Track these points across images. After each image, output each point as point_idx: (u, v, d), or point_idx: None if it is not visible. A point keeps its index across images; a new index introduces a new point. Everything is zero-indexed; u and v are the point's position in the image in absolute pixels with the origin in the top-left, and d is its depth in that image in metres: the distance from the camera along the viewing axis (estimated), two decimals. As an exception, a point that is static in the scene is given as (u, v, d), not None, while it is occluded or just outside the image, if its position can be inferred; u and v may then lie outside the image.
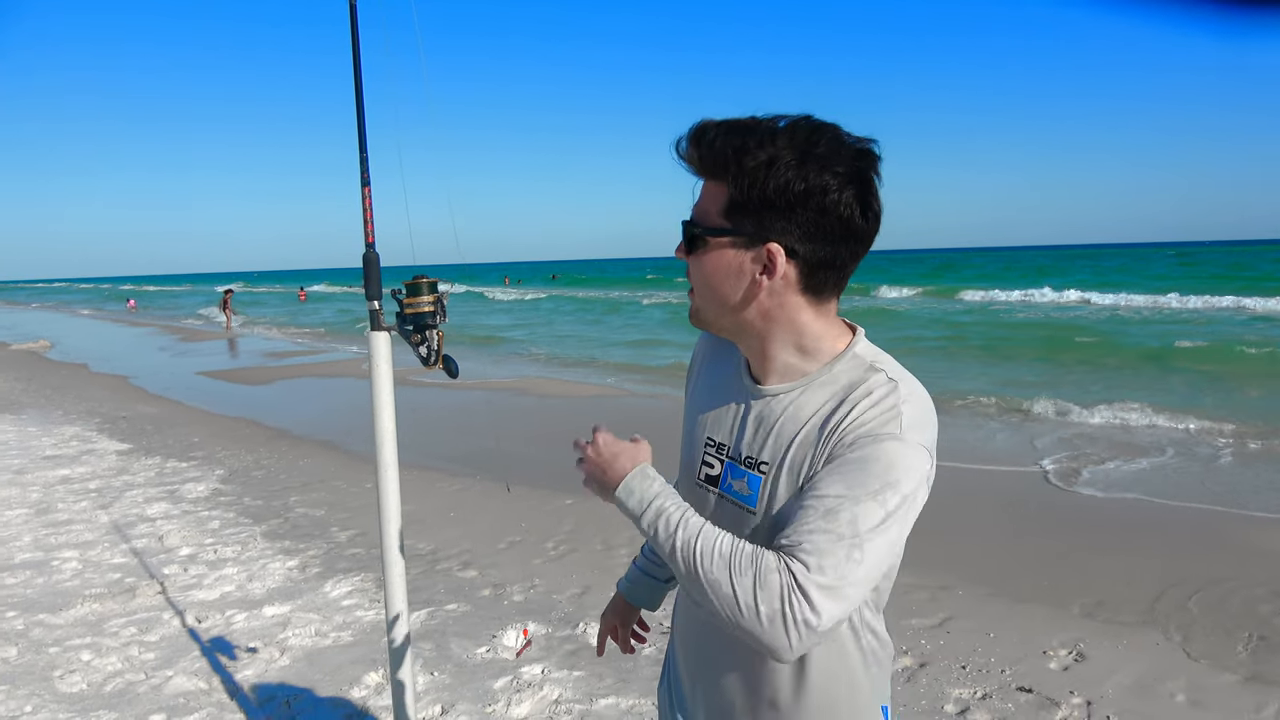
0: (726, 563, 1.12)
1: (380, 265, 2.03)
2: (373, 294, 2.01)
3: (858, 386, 1.22)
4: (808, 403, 1.25)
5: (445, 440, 8.72)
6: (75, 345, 23.19)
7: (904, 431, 1.17)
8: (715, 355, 1.44)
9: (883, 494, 1.13)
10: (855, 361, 1.27)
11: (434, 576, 4.99)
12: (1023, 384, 11.56)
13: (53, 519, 6.27)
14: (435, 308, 1.96)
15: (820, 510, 1.13)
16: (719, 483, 1.33)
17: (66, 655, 3.97)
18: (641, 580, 1.73)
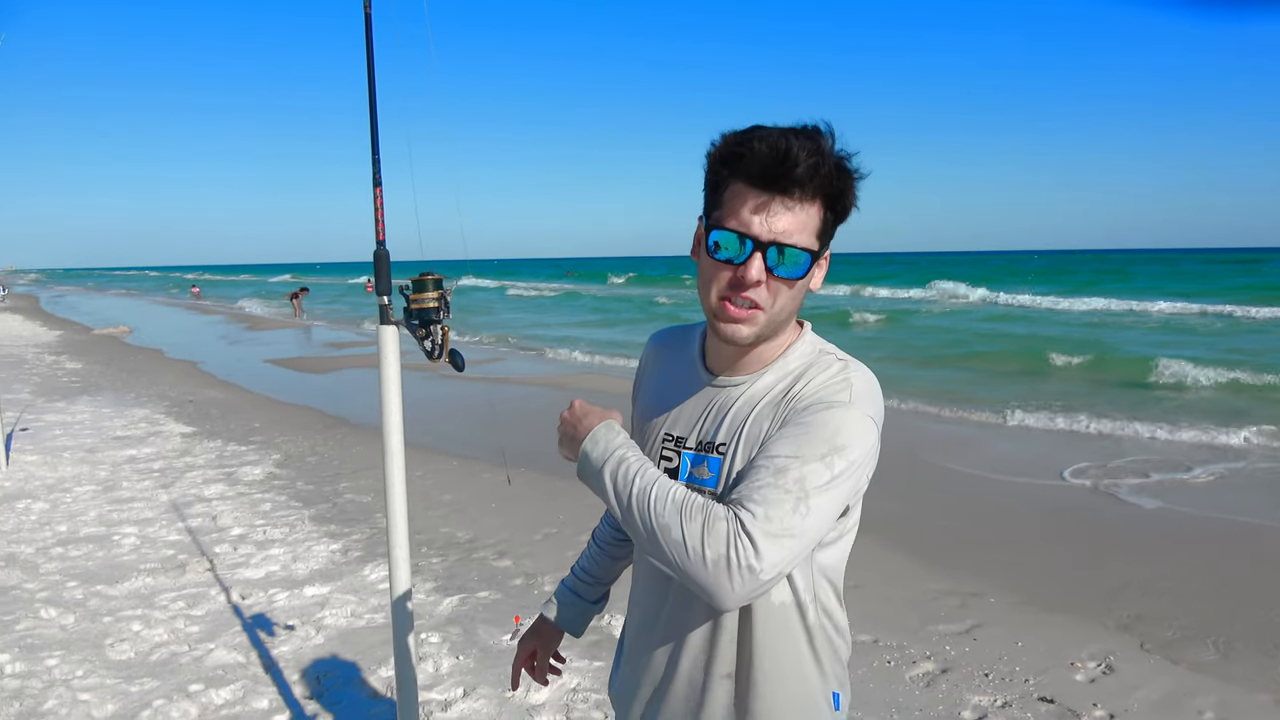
0: (678, 508, 1.17)
1: (390, 261, 2.12)
2: (382, 289, 2.10)
3: (812, 368, 1.31)
4: (762, 386, 1.33)
5: (493, 433, 8.88)
6: (153, 331, 24.14)
7: (853, 400, 1.25)
8: (663, 356, 1.50)
9: (830, 457, 1.20)
10: (807, 348, 1.36)
11: (469, 564, 5.12)
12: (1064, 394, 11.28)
13: (117, 496, 6.58)
14: (440, 304, 2.04)
15: (770, 469, 1.19)
16: (678, 475, 1.37)
17: (118, 625, 4.19)
18: (569, 601, 1.70)
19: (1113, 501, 6.42)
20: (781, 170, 1.19)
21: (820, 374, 1.29)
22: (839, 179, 1.22)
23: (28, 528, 5.77)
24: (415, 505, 6.26)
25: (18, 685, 3.58)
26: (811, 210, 1.23)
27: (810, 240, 1.24)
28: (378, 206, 2.06)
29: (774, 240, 1.22)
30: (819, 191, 1.22)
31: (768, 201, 1.21)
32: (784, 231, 1.22)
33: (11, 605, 4.43)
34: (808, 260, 1.24)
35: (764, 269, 1.23)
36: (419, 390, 11.51)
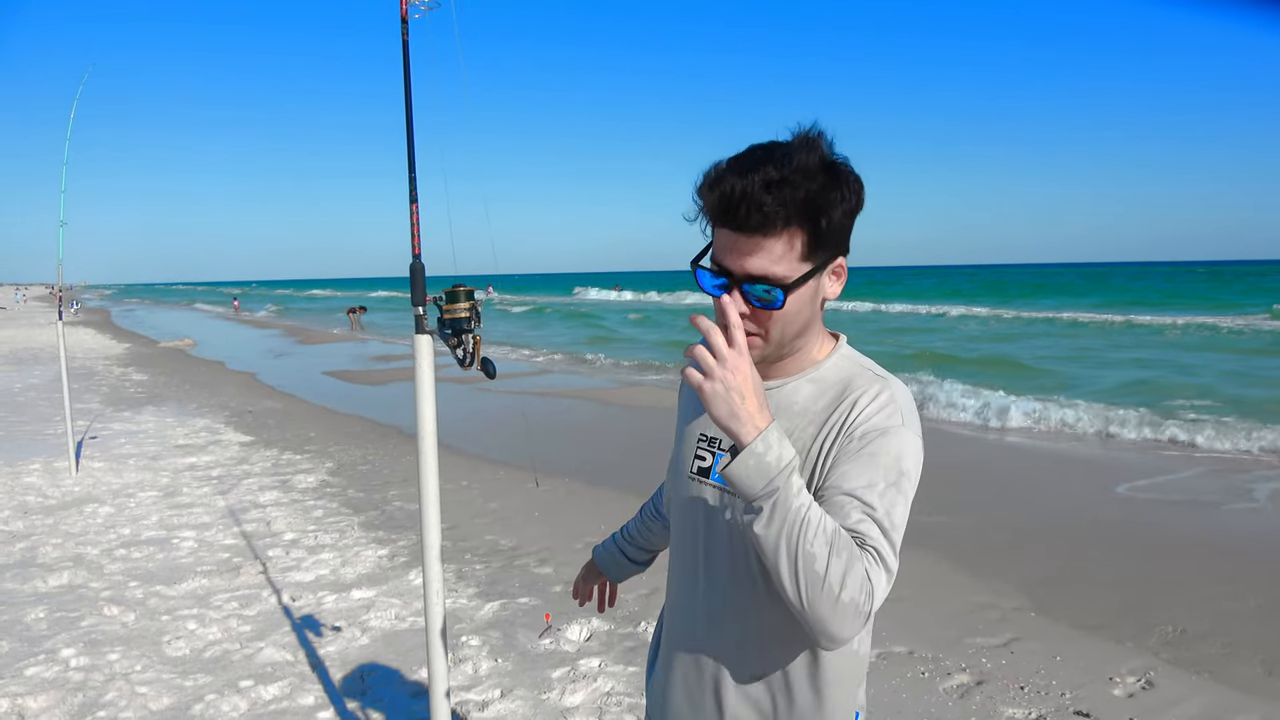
0: (828, 540, 1.13)
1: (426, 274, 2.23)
2: (417, 300, 2.21)
3: (852, 384, 1.34)
4: (798, 396, 1.36)
5: (537, 443, 9.02)
6: (215, 344, 24.90)
7: (905, 421, 1.30)
8: None
9: (900, 482, 1.25)
10: (843, 361, 1.39)
11: (511, 571, 5.22)
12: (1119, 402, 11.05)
13: (177, 501, 6.84)
14: (471, 314, 2.15)
15: (860, 505, 1.21)
16: (710, 474, 1.42)
17: (175, 623, 4.38)
18: (613, 551, 1.88)
19: (1162, 516, 6.30)
20: (740, 213, 1.21)
21: (867, 397, 1.31)
22: (806, 204, 1.21)
23: (94, 530, 6.04)
24: (461, 513, 6.41)
25: (81, 678, 3.77)
26: (780, 240, 1.22)
27: (788, 269, 1.24)
28: (414, 222, 2.18)
29: (746, 275, 1.24)
30: (785, 223, 1.21)
31: (734, 240, 1.24)
32: (757, 268, 1.23)
33: (77, 603, 4.65)
34: (780, 294, 1.24)
35: (745, 303, 1.26)
36: (469, 402, 11.73)
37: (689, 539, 1.46)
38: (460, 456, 8.34)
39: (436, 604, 2.28)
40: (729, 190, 1.21)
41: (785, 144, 1.24)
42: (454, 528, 6.08)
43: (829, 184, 1.23)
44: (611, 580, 1.90)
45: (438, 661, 2.32)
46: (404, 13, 2.13)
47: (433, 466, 2.32)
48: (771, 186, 1.19)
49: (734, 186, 1.20)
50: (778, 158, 1.22)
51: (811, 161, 1.22)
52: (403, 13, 2.13)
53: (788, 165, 1.21)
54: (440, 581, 2.34)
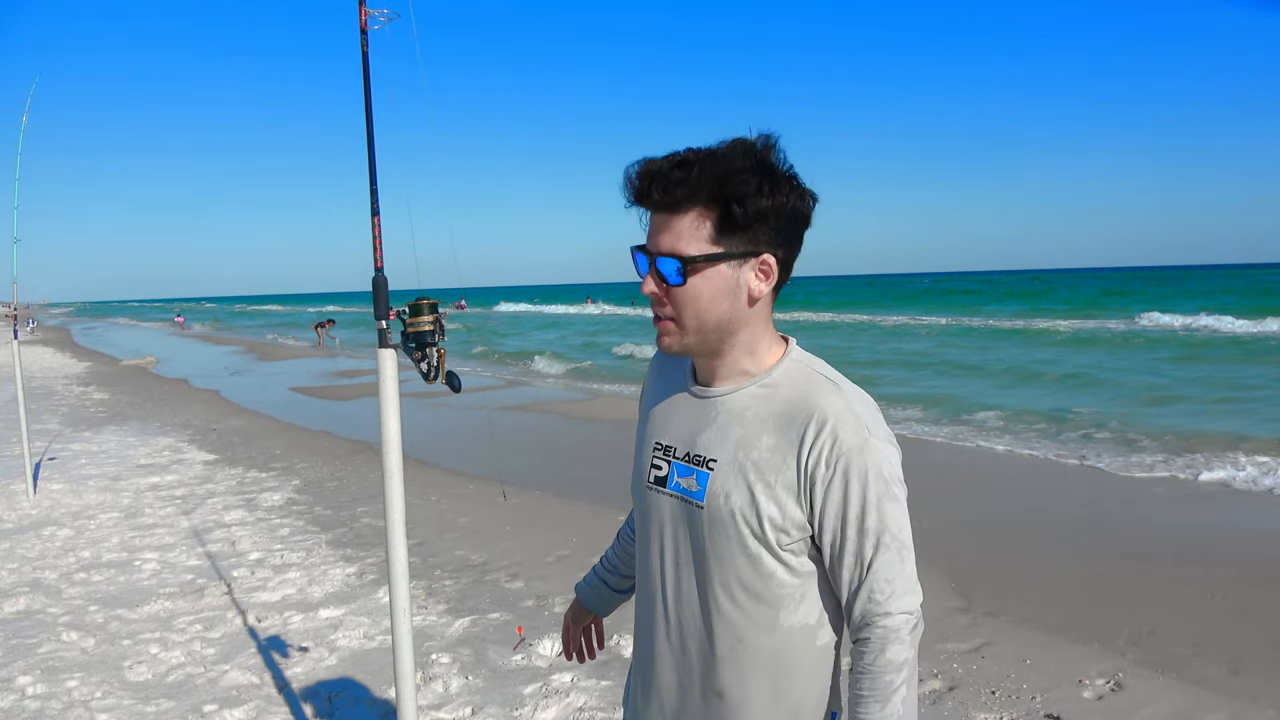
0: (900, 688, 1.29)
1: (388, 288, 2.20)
2: (380, 314, 2.18)
3: (807, 394, 1.33)
4: (752, 403, 1.35)
5: (506, 456, 8.96)
6: (180, 362, 24.51)
7: (871, 431, 1.30)
8: (664, 369, 1.53)
9: (888, 491, 1.30)
10: (794, 365, 1.37)
11: (482, 586, 5.17)
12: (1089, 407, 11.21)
13: (139, 522, 6.70)
14: (435, 327, 2.12)
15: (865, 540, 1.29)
16: (666, 483, 1.41)
17: (137, 648, 4.27)
18: (596, 585, 1.80)
19: (1129, 519, 6.39)
20: (650, 190, 1.27)
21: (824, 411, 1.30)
22: (715, 189, 1.24)
23: (52, 554, 5.90)
24: (430, 529, 6.35)
25: (38, 706, 3.67)
26: (689, 216, 1.26)
27: (697, 248, 1.27)
28: (376, 234, 2.15)
29: (658, 252, 1.29)
30: (693, 197, 1.25)
31: (652, 220, 1.30)
32: (665, 244, 1.28)
33: (35, 629, 4.53)
34: (675, 265, 1.27)
35: (655, 281, 1.31)
36: (436, 416, 11.63)
37: (651, 549, 1.45)
38: (429, 471, 8.26)
39: (404, 622, 2.25)
40: (643, 169, 1.28)
41: (725, 142, 1.28)
42: (423, 544, 6.01)
43: (747, 171, 1.25)
44: (599, 615, 1.83)
45: (406, 682, 2.28)
46: (363, 23, 2.10)
47: (398, 483, 2.29)
48: (680, 165, 1.25)
49: (647, 167, 1.27)
50: (703, 149, 1.27)
51: (734, 153, 1.26)
52: (362, 23, 2.10)
53: (707, 154, 1.26)
54: (408, 599, 2.30)
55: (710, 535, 1.35)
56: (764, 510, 1.31)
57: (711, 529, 1.34)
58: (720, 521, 1.33)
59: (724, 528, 1.33)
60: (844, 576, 1.32)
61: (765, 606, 1.34)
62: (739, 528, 1.32)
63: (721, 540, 1.34)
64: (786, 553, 1.33)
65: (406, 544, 2.31)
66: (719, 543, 1.34)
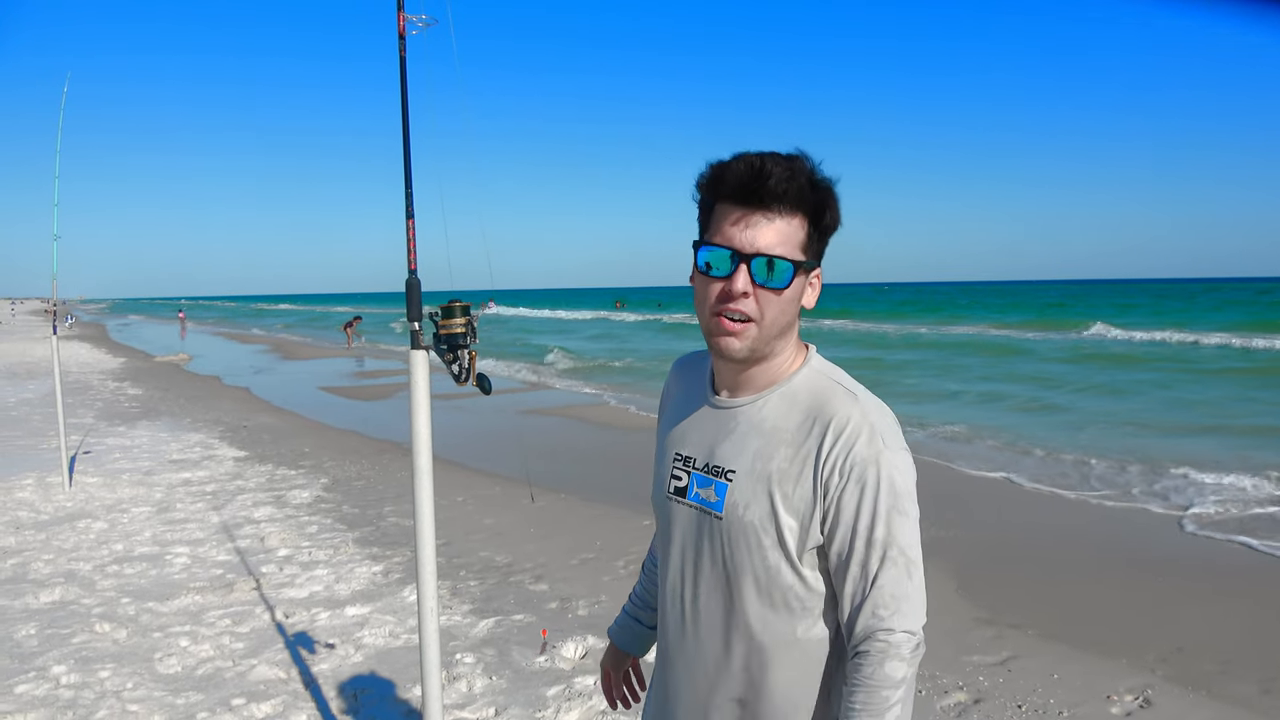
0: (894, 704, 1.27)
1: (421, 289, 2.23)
2: (413, 316, 2.21)
3: (825, 404, 1.33)
4: (770, 414, 1.35)
5: (534, 459, 8.99)
6: (212, 359, 24.85)
7: (887, 441, 1.30)
8: (683, 379, 1.54)
9: (898, 504, 1.28)
10: (813, 375, 1.38)
11: (506, 588, 5.20)
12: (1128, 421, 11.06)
13: (171, 517, 6.81)
14: (467, 329, 2.14)
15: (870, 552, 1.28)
16: (686, 493, 1.42)
17: (168, 640, 4.34)
18: (629, 625, 1.75)
19: (1162, 533, 6.30)
20: (757, 184, 1.25)
21: (841, 421, 1.29)
22: (815, 192, 1.28)
23: (86, 546, 6.01)
24: (456, 530, 6.39)
25: (71, 695, 3.74)
26: (793, 222, 1.28)
27: (794, 251, 1.29)
28: (410, 237, 2.18)
29: (757, 252, 1.27)
30: (797, 204, 1.27)
31: (747, 215, 1.27)
32: (767, 244, 1.27)
33: (69, 620, 4.62)
34: (790, 269, 1.28)
35: (749, 280, 1.27)
36: (465, 417, 11.71)
37: (671, 559, 1.46)
38: (456, 472, 8.32)
39: (431, 621, 2.27)
40: (755, 164, 1.26)
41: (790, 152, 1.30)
42: (448, 544, 6.04)
43: (828, 188, 1.31)
44: (636, 656, 1.77)
45: (432, 680, 2.30)
46: (401, 28, 2.13)
47: (428, 483, 2.31)
48: (790, 170, 1.26)
49: (760, 161, 1.26)
50: (784, 155, 1.28)
51: (810, 169, 1.30)
52: (400, 28, 2.13)
53: (795, 162, 1.28)
54: (435, 598, 2.33)
55: (729, 546, 1.35)
56: (783, 521, 1.31)
57: (730, 540, 1.35)
58: (739, 532, 1.34)
59: (743, 538, 1.33)
60: (847, 589, 1.30)
61: (783, 618, 1.34)
62: (758, 538, 1.33)
63: (740, 551, 1.34)
64: (804, 564, 1.33)
65: (435, 544, 2.33)
66: (738, 553, 1.35)
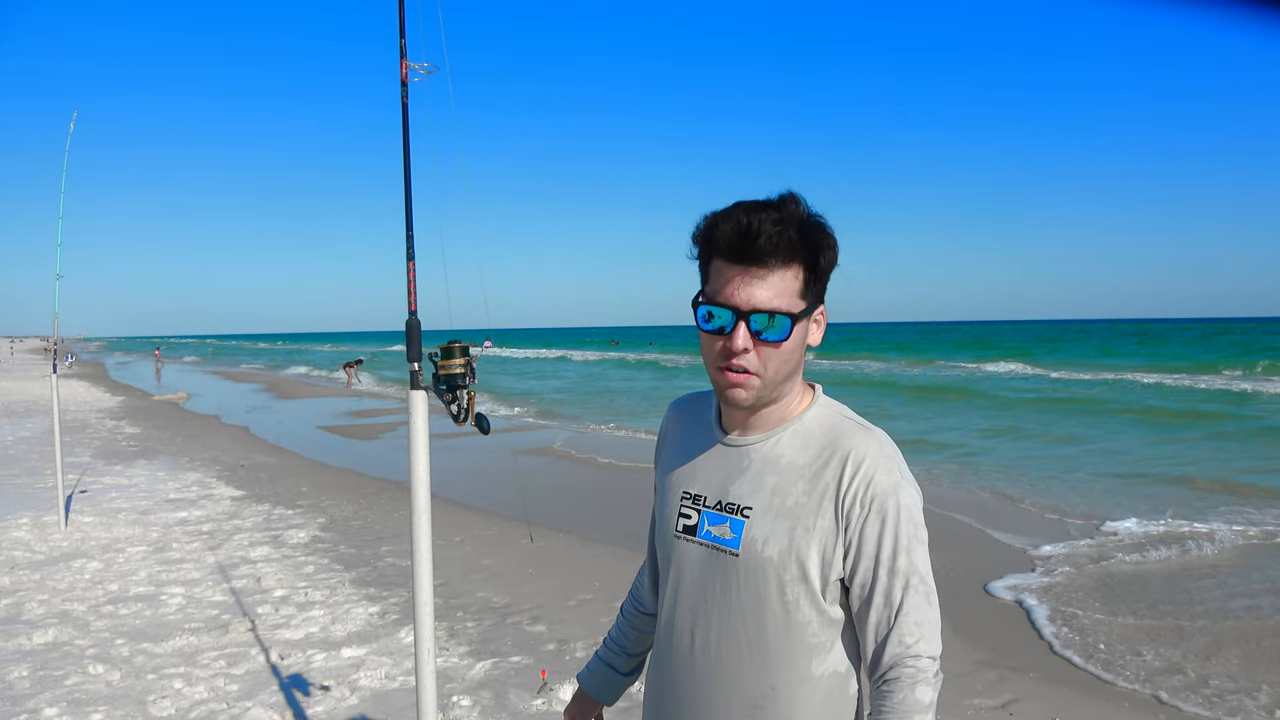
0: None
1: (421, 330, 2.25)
2: (413, 356, 2.23)
3: (839, 438, 1.36)
4: (785, 450, 1.37)
5: (531, 499, 8.97)
6: (210, 398, 24.82)
7: (900, 473, 1.34)
8: (683, 419, 1.55)
9: (917, 534, 1.33)
10: (823, 412, 1.40)
11: (504, 629, 5.16)
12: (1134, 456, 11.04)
13: (167, 557, 6.77)
14: (466, 370, 2.16)
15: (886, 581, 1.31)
16: (696, 531, 1.41)
17: (161, 682, 4.30)
18: (601, 671, 1.72)
19: (1164, 569, 6.26)
20: (748, 244, 1.27)
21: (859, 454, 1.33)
22: (807, 239, 1.29)
23: (81, 586, 5.97)
24: (453, 570, 6.35)
25: (63, 738, 3.69)
26: (787, 274, 1.29)
27: (791, 302, 1.30)
28: (410, 279, 2.21)
29: (754, 309, 1.29)
30: (790, 256, 1.29)
31: (742, 274, 1.29)
32: (763, 300, 1.28)
33: (62, 661, 4.57)
34: (788, 323, 1.29)
35: (749, 336, 1.29)
36: (462, 456, 11.68)
37: (679, 598, 1.44)
38: (454, 512, 8.29)
39: (428, 664, 2.26)
40: (743, 222, 1.28)
41: (773, 199, 1.31)
42: (445, 584, 6.01)
43: (820, 229, 1.32)
44: (606, 704, 1.73)
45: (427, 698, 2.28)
46: (404, 76, 2.19)
47: (426, 523, 2.32)
48: (779, 222, 1.27)
49: (746, 219, 1.28)
50: (774, 204, 1.30)
51: (802, 210, 1.31)
52: (402, 76, 2.19)
53: (786, 209, 1.29)
54: (432, 639, 2.32)
55: (745, 583, 1.35)
56: (803, 555, 1.32)
57: (746, 577, 1.35)
58: (757, 569, 1.34)
59: (760, 575, 1.34)
60: (871, 618, 1.32)
61: (799, 655, 1.34)
62: (777, 575, 1.33)
63: (757, 588, 1.34)
64: (823, 599, 1.33)
65: (432, 584, 2.33)
66: (754, 590, 1.35)
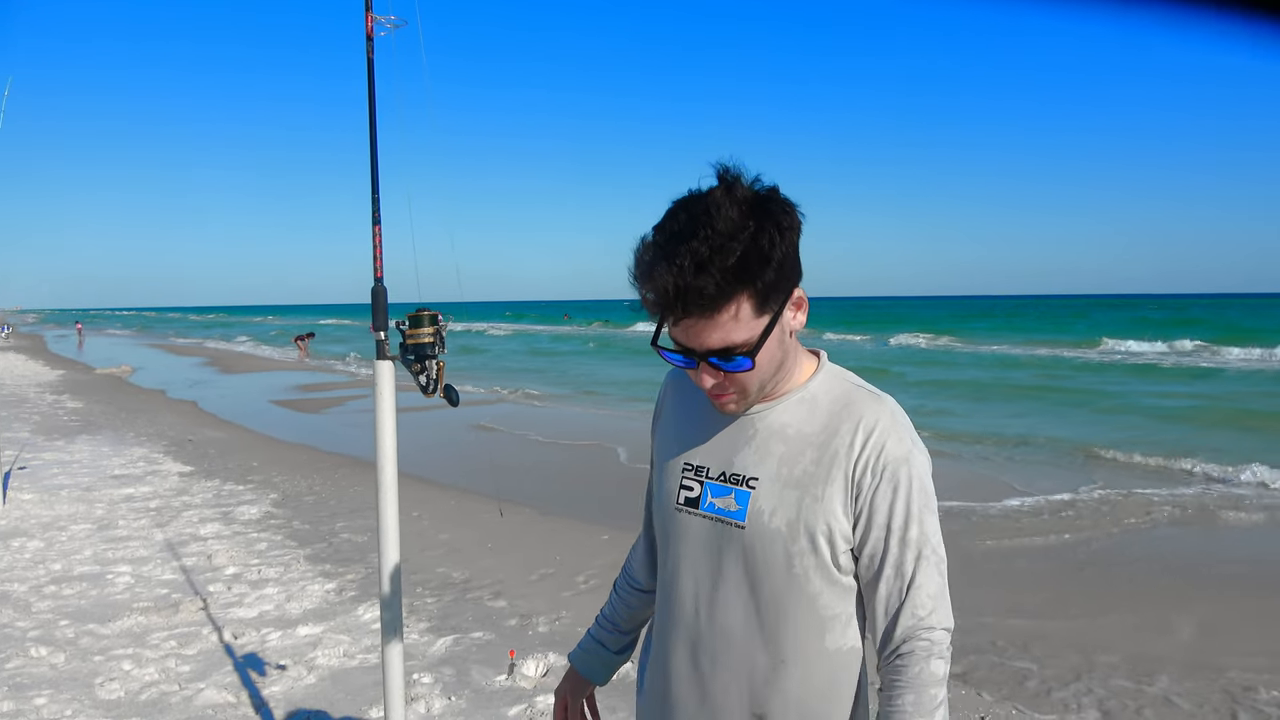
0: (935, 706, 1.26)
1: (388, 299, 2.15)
2: (379, 325, 2.13)
3: (849, 405, 1.31)
4: (792, 418, 1.32)
5: (493, 473, 8.87)
6: (156, 371, 24.20)
7: (912, 441, 1.30)
8: (681, 389, 1.48)
9: (928, 503, 1.29)
10: (830, 379, 1.35)
11: (464, 605, 5.09)
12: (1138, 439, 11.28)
13: (112, 535, 6.56)
14: (435, 339, 2.07)
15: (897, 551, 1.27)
16: (699, 504, 1.35)
17: (109, 664, 4.16)
18: (594, 650, 1.65)
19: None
20: (682, 305, 1.17)
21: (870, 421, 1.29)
22: (745, 267, 1.16)
23: (21, 566, 5.75)
24: (411, 546, 6.24)
25: (5, 724, 3.55)
26: (728, 311, 1.19)
27: (748, 333, 1.21)
28: (376, 244, 2.10)
29: (708, 351, 1.22)
30: (731, 293, 1.17)
31: (685, 324, 1.20)
32: (715, 342, 1.21)
33: (2, 644, 4.40)
34: (746, 359, 1.22)
35: (714, 371, 1.25)
36: (420, 429, 11.53)
37: (680, 573, 1.39)
38: (410, 486, 8.12)
39: (396, 645, 2.18)
40: (664, 288, 1.16)
41: (704, 198, 1.18)
42: (404, 560, 5.82)
43: (759, 231, 1.16)
44: (598, 684, 1.65)
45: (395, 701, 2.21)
46: (369, 29, 2.06)
47: (393, 498, 2.23)
48: (703, 267, 1.14)
49: (667, 283, 1.15)
50: (700, 224, 1.16)
51: (734, 215, 1.16)
52: (368, 29, 2.06)
53: (712, 232, 1.15)
54: (400, 616, 2.24)
55: (753, 556, 1.30)
56: (813, 525, 1.27)
57: (754, 549, 1.30)
58: (765, 541, 1.29)
59: (769, 547, 1.29)
60: (881, 590, 1.29)
61: (809, 628, 1.30)
62: (785, 547, 1.28)
63: (766, 560, 1.30)
64: (834, 569, 1.29)
65: (399, 559, 2.25)
66: (763, 563, 1.30)
